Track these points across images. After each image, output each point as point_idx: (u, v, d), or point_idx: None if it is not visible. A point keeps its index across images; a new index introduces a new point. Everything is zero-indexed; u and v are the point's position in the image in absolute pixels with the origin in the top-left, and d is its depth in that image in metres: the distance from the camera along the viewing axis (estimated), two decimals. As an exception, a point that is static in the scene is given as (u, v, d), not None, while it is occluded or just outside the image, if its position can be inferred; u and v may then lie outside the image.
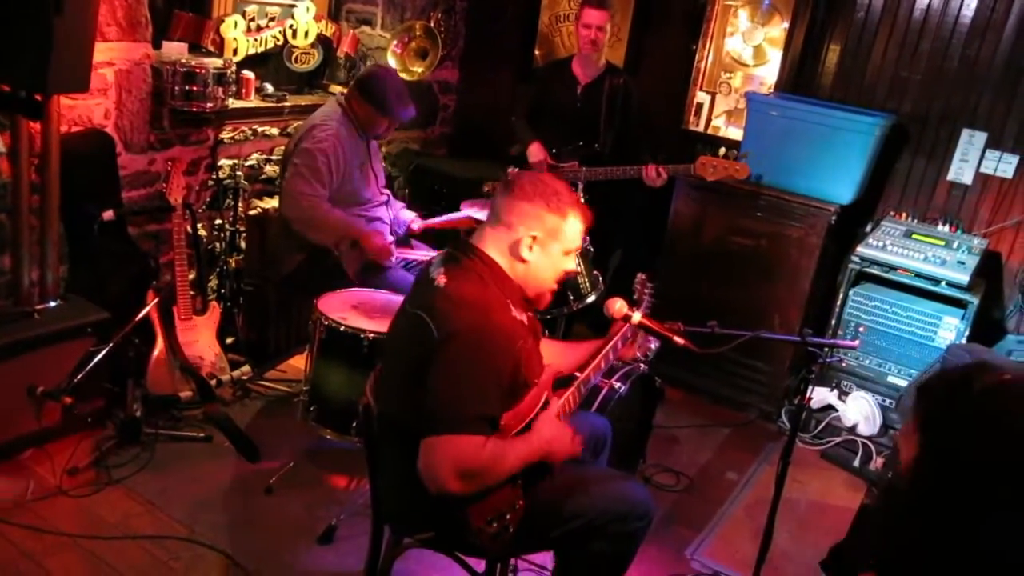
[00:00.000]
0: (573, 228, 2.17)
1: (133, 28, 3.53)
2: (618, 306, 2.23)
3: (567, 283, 3.42)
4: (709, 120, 4.78)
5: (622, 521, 2.18)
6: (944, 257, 3.86)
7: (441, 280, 2.08)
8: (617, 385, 3.00)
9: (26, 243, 3.30)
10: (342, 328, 3.05)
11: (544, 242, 2.14)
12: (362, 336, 3.01)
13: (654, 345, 2.50)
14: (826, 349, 2.39)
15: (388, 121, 3.65)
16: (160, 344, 3.52)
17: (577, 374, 2.37)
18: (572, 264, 2.23)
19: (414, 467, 1.96)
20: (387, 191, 3.92)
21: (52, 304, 3.28)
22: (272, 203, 4.19)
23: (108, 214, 3.44)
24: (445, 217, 3.96)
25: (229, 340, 3.98)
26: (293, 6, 4.35)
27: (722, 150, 4.28)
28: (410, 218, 3.96)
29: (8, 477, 3.01)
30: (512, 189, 2.15)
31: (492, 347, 2.00)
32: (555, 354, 2.43)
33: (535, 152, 4.30)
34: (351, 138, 3.60)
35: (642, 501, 2.25)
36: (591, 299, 3.59)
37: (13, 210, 3.27)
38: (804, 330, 2.30)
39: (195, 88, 3.72)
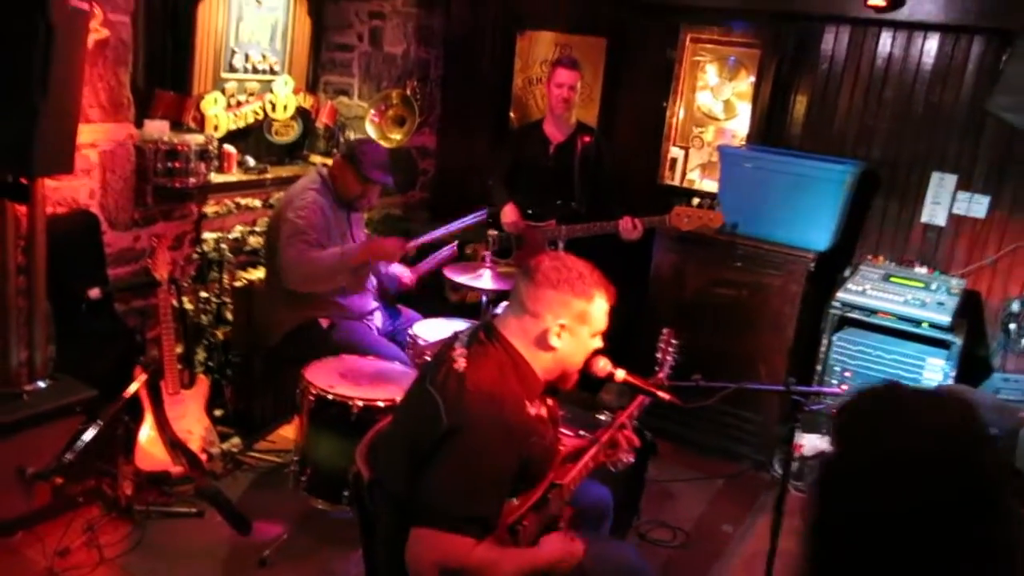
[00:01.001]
0: (600, 309, 2.13)
1: (116, 109, 3.60)
2: (601, 364, 2.24)
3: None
4: (684, 174, 4.88)
5: None
6: (924, 299, 3.92)
7: (461, 364, 2.05)
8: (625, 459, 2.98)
9: (13, 324, 3.32)
10: (330, 396, 3.06)
11: (572, 328, 2.10)
12: (350, 404, 3.02)
13: (625, 459, 2.44)
14: (811, 397, 2.41)
15: (366, 187, 3.70)
16: (149, 420, 3.51)
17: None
18: (599, 343, 2.20)
19: (405, 535, 1.96)
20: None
21: (41, 384, 3.28)
22: (257, 274, 4.22)
23: (95, 292, 3.45)
24: (434, 257, 4.02)
25: (218, 412, 3.97)
26: (271, 81, 4.45)
27: (695, 200, 4.36)
28: (400, 272, 4.01)
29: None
30: (535, 276, 2.10)
31: (497, 447, 1.97)
32: None
33: (508, 213, 4.38)
34: (331, 208, 3.65)
35: (640, 568, 2.24)
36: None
37: (0, 292, 3.29)
38: (788, 379, 2.33)
39: (178, 165, 3.78)
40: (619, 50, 4.97)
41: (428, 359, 3.41)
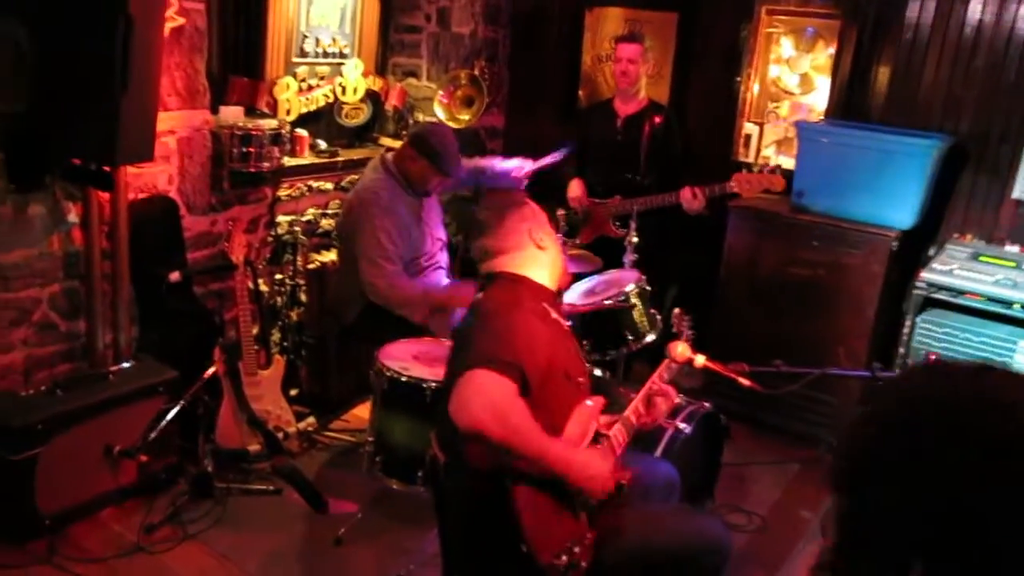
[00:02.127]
0: (537, 207, 2.43)
1: (192, 96, 3.66)
2: (680, 349, 2.23)
3: (625, 323, 3.42)
4: (759, 151, 4.75)
5: (701, 557, 2.15)
6: (1015, 279, 3.73)
7: (478, 298, 2.27)
8: (681, 426, 2.97)
9: (99, 307, 3.43)
10: (404, 378, 3.09)
11: (542, 224, 2.38)
12: (424, 385, 3.04)
13: (665, 408, 2.43)
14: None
15: (440, 178, 3.70)
16: (228, 400, 3.59)
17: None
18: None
19: (483, 517, 1.96)
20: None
21: (125, 365, 3.38)
22: (330, 256, 4.27)
23: (175, 276, 3.53)
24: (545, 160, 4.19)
25: (293, 392, 4.05)
26: (341, 64, 4.48)
27: (756, 164, 4.26)
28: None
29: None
30: (499, 200, 2.48)
31: (528, 319, 2.13)
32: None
33: (573, 188, 4.40)
34: (401, 198, 3.66)
35: (720, 536, 2.22)
36: (650, 338, 3.56)
37: (86, 276, 3.40)
38: (874, 364, 2.26)
39: (252, 149, 3.84)
40: (691, 25, 4.85)
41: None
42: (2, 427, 2.94)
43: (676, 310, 2.64)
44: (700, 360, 2.23)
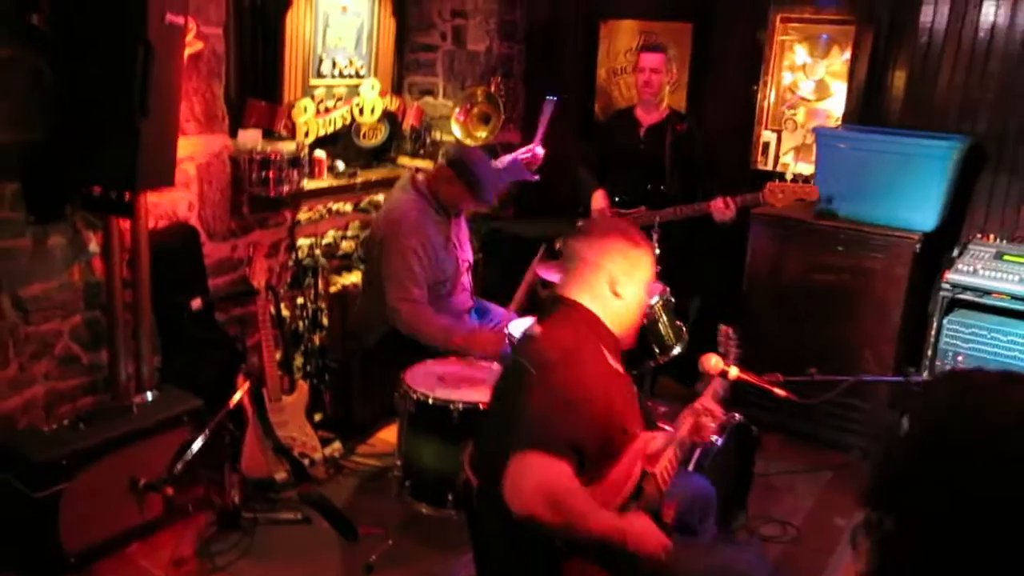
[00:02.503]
0: (647, 258, 2.26)
1: (211, 121, 3.65)
2: (713, 362, 2.21)
3: (651, 336, 3.38)
4: (777, 158, 4.73)
5: None
6: (1041, 277, 3.70)
7: (536, 330, 2.17)
8: (712, 438, 2.91)
9: (121, 338, 3.40)
10: (430, 401, 3.06)
11: (631, 274, 2.20)
12: (451, 407, 3.00)
13: (714, 428, 2.37)
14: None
15: (475, 202, 3.69)
16: (252, 428, 3.57)
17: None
18: (652, 298, 2.32)
19: (519, 540, 1.92)
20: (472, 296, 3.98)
21: (149, 396, 3.36)
22: (351, 278, 4.26)
23: (197, 303, 3.51)
24: (521, 290, 3.94)
25: (318, 417, 4.02)
26: (358, 84, 4.47)
27: (788, 175, 4.22)
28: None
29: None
30: (589, 230, 2.30)
31: (586, 379, 2.04)
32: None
33: (597, 199, 4.35)
34: (431, 219, 3.65)
35: (755, 572, 2.17)
36: (677, 351, 3.52)
37: (108, 307, 3.37)
38: (907, 369, 2.23)
39: (271, 173, 3.82)
40: (706, 34, 4.85)
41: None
42: (25, 463, 2.90)
43: (722, 327, 2.57)
44: (734, 372, 2.20)
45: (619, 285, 2.19)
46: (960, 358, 3.85)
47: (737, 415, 3.10)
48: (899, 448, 1.13)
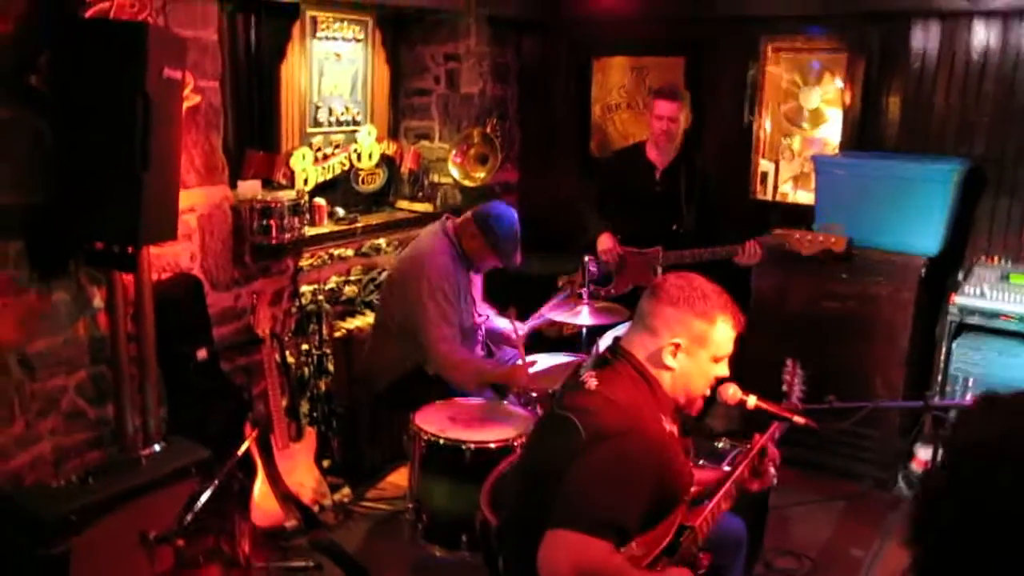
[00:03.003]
0: (722, 334, 2.10)
1: (211, 173, 3.67)
2: (731, 391, 2.16)
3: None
4: (776, 187, 4.75)
5: None
6: (1048, 297, 3.69)
7: (592, 383, 2.05)
8: (773, 482, 2.85)
9: (127, 391, 3.38)
10: (442, 441, 3.04)
11: (690, 349, 2.08)
12: (463, 447, 2.99)
13: (774, 475, 2.36)
14: (951, 410, 2.26)
15: (496, 262, 3.69)
16: (261, 476, 3.54)
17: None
18: (725, 370, 2.15)
19: None
20: (484, 309, 3.94)
21: (156, 448, 3.32)
22: (355, 323, 4.25)
23: (202, 353, 3.50)
24: (536, 321, 3.92)
25: (326, 463, 3.98)
26: (355, 131, 4.51)
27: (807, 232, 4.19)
28: (505, 327, 3.88)
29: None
30: (657, 292, 2.12)
31: (640, 456, 1.94)
32: None
33: (604, 241, 4.31)
34: (457, 268, 3.65)
35: None
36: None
37: (113, 361, 3.36)
38: (925, 393, 2.20)
39: (272, 222, 3.84)
40: (698, 68, 4.90)
41: (534, 395, 3.38)
42: (34, 520, 2.85)
43: (789, 361, 2.52)
44: (752, 401, 2.16)
45: (668, 356, 2.08)
46: (970, 382, 3.82)
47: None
48: (934, 476, 1.12)
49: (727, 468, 2.35)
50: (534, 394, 3.38)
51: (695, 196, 4.31)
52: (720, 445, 3.25)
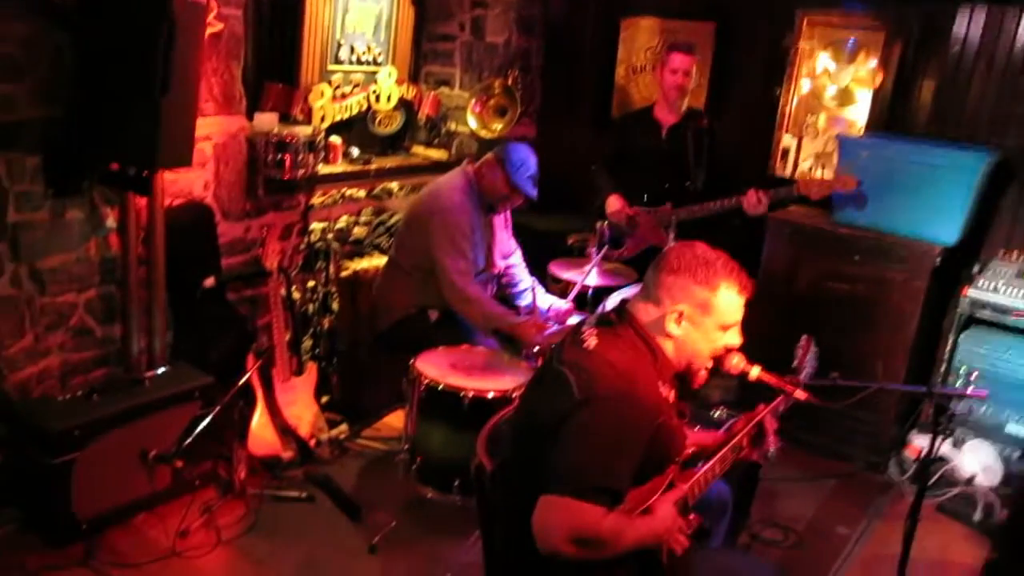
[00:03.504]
0: (727, 300, 2.06)
1: (229, 102, 3.66)
2: (735, 361, 2.15)
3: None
4: (796, 164, 4.70)
5: None
6: (1064, 299, 3.67)
7: (591, 342, 2.04)
8: (770, 453, 2.86)
9: (134, 313, 3.42)
10: (441, 387, 3.06)
11: (693, 317, 2.06)
12: (461, 394, 3.01)
13: (773, 449, 2.34)
14: (954, 400, 2.26)
15: (514, 198, 3.68)
16: (261, 406, 3.58)
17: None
18: (734, 339, 2.13)
19: (530, 527, 1.92)
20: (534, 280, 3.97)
21: (160, 371, 3.37)
22: (363, 264, 4.26)
23: (209, 281, 3.53)
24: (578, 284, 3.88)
25: (324, 400, 4.02)
26: (376, 72, 4.47)
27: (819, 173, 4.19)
28: (556, 303, 3.85)
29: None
30: (659, 262, 2.10)
31: (631, 419, 1.94)
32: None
33: (612, 203, 4.31)
34: (473, 209, 3.64)
35: None
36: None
37: (122, 282, 3.39)
38: (932, 381, 2.20)
39: (287, 156, 3.83)
40: (728, 34, 4.82)
41: (535, 350, 3.39)
42: (40, 431, 2.94)
43: (804, 337, 2.49)
44: (755, 372, 2.15)
45: (671, 324, 2.06)
46: (973, 375, 3.81)
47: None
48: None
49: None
50: (536, 349, 3.39)
51: (703, 154, 4.29)
52: (716, 415, 3.26)
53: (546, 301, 3.85)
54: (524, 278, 3.98)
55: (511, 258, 3.96)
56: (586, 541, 1.87)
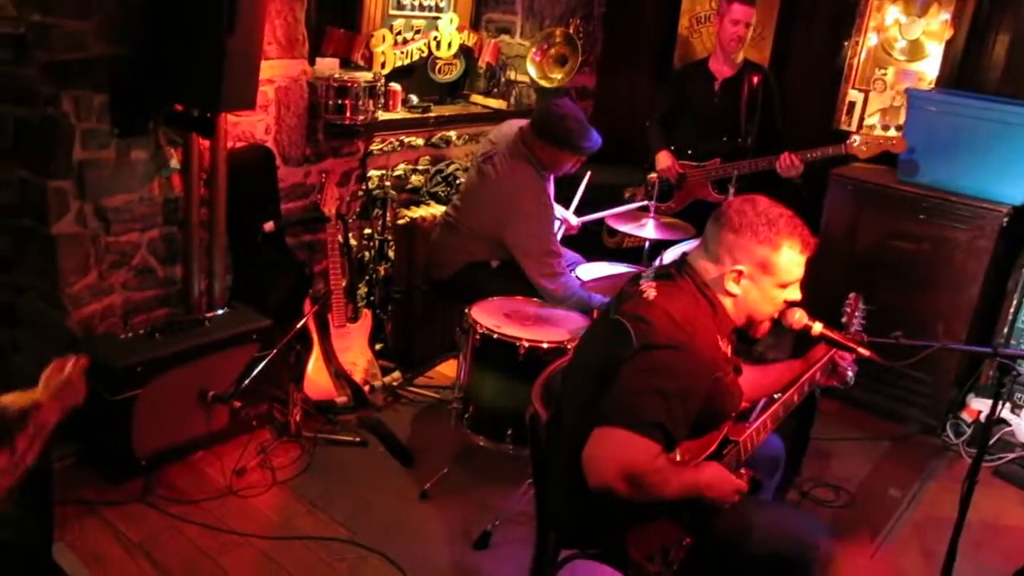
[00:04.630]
0: (788, 259, 2.03)
1: (292, 46, 3.66)
2: (797, 316, 2.12)
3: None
4: (862, 119, 4.57)
5: (794, 562, 2.09)
6: None
7: (651, 293, 2.03)
8: (849, 375, 2.82)
9: (196, 254, 3.48)
10: (496, 336, 3.07)
11: (753, 275, 2.04)
12: (517, 344, 3.02)
13: (851, 373, 2.32)
14: (1019, 361, 2.21)
15: (576, 158, 3.61)
16: (316, 351, 3.63)
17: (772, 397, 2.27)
18: (795, 294, 2.10)
19: (584, 477, 1.92)
20: None
21: (220, 312, 3.43)
22: (419, 212, 4.26)
23: (269, 225, 3.56)
24: (599, 213, 3.92)
25: (378, 347, 4.06)
26: (437, 18, 4.43)
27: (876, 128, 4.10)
28: (565, 216, 3.92)
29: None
30: (720, 219, 2.06)
31: (690, 369, 1.93)
32: (749, 380, 2.31)
33: (663, 159, 4.29)
34: (545, 188, 3.60)
35: (815, 538, 2.14)
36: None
37: (184, 223, 3.44)
38: (996, 341, 2.15)
39: (347, 102, 3.82)
40: (796, -14, 4.68)
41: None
42: (103, 367, 2.98)
43: (851, 295, 2.44)
44: (818, 328, 2.11)
45: (730, 283, 2.04)
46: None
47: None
48: None
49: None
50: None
51: (756, 110, 4.21)
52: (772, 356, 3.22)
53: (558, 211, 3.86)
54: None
55: None
56: (636, 477, 1.85)
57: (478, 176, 3.69)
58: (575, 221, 3.90)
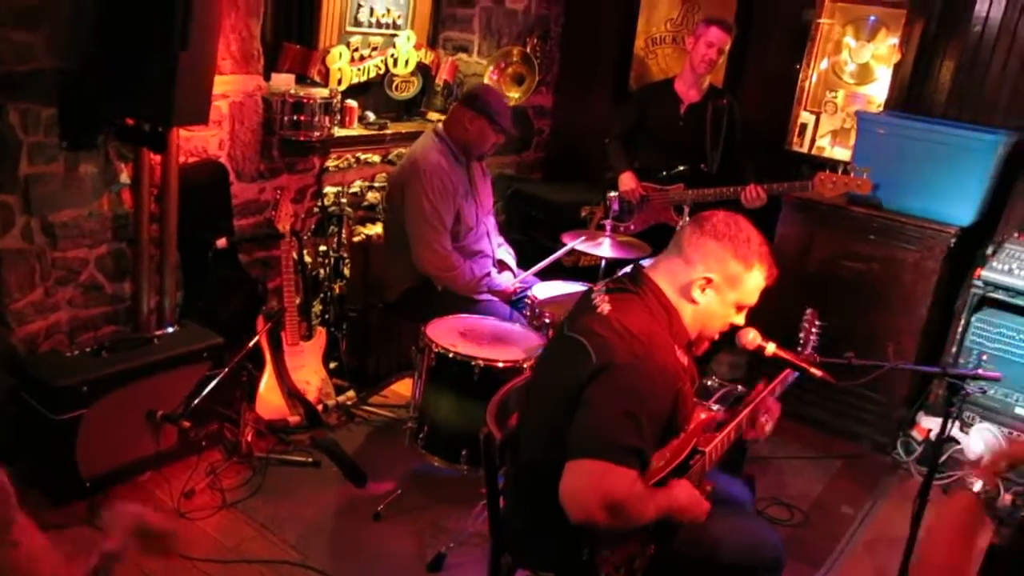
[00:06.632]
0: (754, 282, 2.06)
1: (246, 61, 3.63)
2: (751, 336, 2.14)
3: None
4: (813, 140, 4.65)
5: (756, 570, 2.10)
6: (1077, 281, 3.64)
7: (604, 308, 2.02)
8: (715, 407, 2.86)
9: (145, 271, 3.41)
10: (451, 355, 3.05)
11: (719, 287, 2.05)
12: (472, 363, 3.00)
13: (770, 427, 2.32)
14: (967, 381, 2.25)
15: (497, 136, 3.63)
16: (269, 369, 3.58)
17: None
18: (741, 320, 2.13)
19: (546, 497, 1.90)
20: (500, 238, 3.95)
21: (169, 330, 3.36)
22: (375, 229, 4.24)
23: (222, 242, 3.52)
24: (547, 261, 3.82)
25: (332, 365, 4.02)
26: (395, 35, 4.42)
27: (840, 168, 4.14)
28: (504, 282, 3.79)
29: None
30: (703, 225, 2.06)
31: (653, 383, 1.92)
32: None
33: (626, 181, 4.29)
34: (453, 167, 3.60)
35: (773, 549, 2.16)
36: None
37: (134, 239, 3.38)
38: (944, 360, 2.18)
39: (303, 118, 3.79)
40: (751, 7, 4.74)
41: (547, 320, 3.38)
42: (47, 386, 2.93)
43: (809, 311, 2.47)
44: (771, 348, 2.14)
45: (696, 290, 2.04)
46: (984, 356, 3.80)
47: (740, 387, 2.99)
48: None
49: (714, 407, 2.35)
50: (547, 320, 3.37)
51: (721, 136, 4.24)
52: (709, 383, 3.24)
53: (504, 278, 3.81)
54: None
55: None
56: (618, 507, 1.84)
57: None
58: (513, 286, 3.77)
